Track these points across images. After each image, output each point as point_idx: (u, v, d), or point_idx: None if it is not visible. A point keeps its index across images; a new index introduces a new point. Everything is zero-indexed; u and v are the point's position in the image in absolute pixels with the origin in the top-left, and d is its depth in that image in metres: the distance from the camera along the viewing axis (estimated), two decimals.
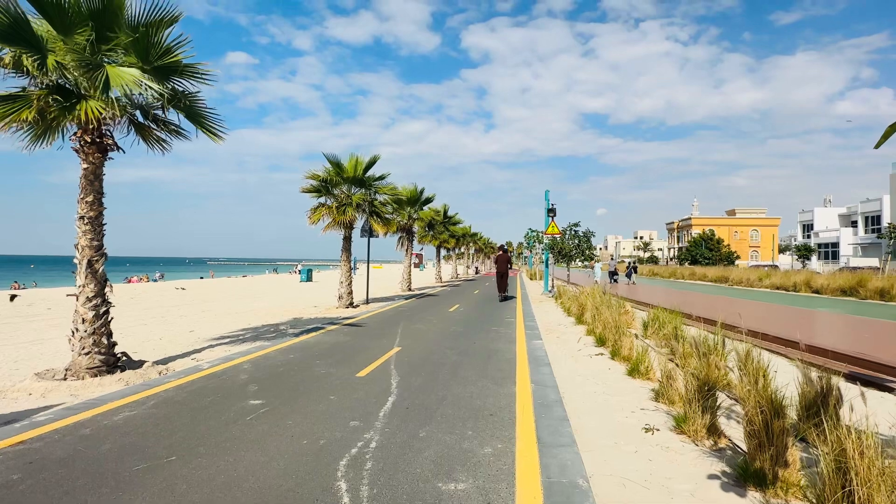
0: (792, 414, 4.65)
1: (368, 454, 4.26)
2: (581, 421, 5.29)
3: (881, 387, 6.41)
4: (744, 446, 4.04)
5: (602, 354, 8.91)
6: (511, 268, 31.10)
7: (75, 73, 6.59)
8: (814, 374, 4.46)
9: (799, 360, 5.65)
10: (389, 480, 3.76)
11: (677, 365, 6.39)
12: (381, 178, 18.54)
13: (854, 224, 57.99)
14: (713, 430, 4.64)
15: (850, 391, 3.85)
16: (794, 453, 3.67)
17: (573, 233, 28.39)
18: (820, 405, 3.76)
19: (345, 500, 3.44)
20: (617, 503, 3.53)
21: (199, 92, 7.91)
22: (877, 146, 1.93)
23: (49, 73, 6.52)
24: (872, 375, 6.85)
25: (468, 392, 6.34)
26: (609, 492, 3.69)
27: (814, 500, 2.89)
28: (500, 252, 21.80)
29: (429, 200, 29.91)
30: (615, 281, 32.45)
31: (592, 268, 36.28)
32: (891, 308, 18.23)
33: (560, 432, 4.89)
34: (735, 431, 4.74)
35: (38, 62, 6.32)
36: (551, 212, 25.27)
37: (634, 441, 4.71)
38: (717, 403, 4.83)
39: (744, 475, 3.76)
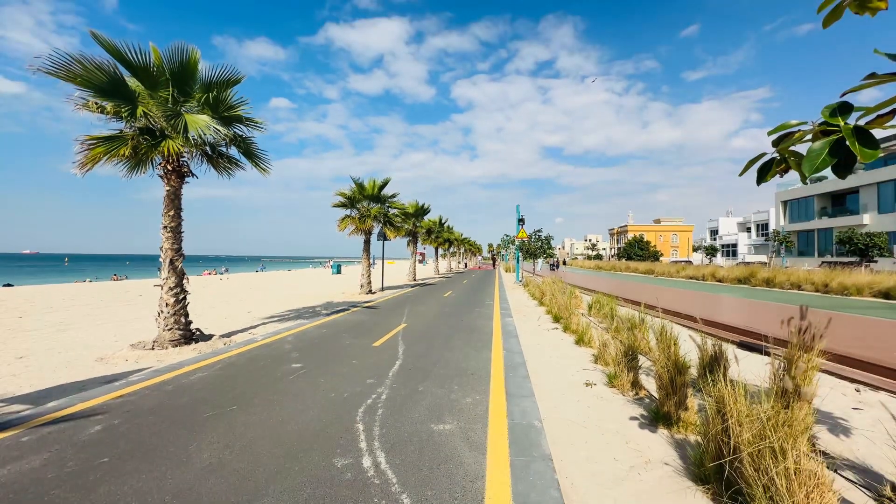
0: (693, 371, 4.77)
1: (380, 404, 4.34)
2: (539, 378, 5.38)
3: (761, 351, 6.53)
4: (657, 396, 4.14)
5: (557, 328, 9.00)
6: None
7: (161, 120, 6.58)
8: (710, 342, 4.56)
9: (701, 332, 5.76)
10: (395, 423, 3.84)
11: (612, 336, 6.50)
12: (393, 195, 18.74)
13: (749, 230, 58.39)
14: (635, 384, 4.74)
15: (737, 354, 3.95)
16: (693, 401, 3.78)
17: (537, 237, 28.55)
18: (707, 366, 3.86)
19: (361, 438, 3.53)
20: (561, 438, 3.63)
21: (253, 137, 7.95)
22: (741, 174, 2.02)
23: (138, 119, 6.51)
24: (755, 342, 6.98)
25: (456, 357, 6.41)
26: (556, 430, 3.78)
27: (703, 435, 2.98)
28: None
29: (426, 212, 29.85)
30: (553, 269, 42.55)
31: (537, 263, 43.86)
32: (773, 293, 18.43)
33: (523, 387, 4.98)
34: (652, 385, 4.85)
35: (129, 111, 6.32)
36: (521, 221, 25.39)
37: (577, 393, 4.80)
38: (639, 364, 4.93)
39: (656, 417, 3.86)
